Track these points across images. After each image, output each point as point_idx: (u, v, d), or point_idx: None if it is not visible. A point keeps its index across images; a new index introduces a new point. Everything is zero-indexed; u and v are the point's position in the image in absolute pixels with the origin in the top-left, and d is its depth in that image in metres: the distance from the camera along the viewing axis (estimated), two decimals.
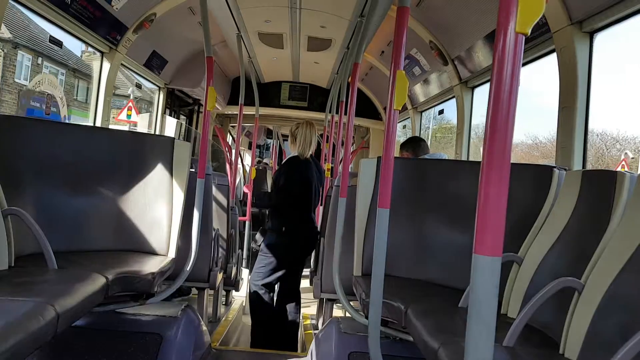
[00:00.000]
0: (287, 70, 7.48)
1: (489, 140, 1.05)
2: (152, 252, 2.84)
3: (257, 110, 6.90)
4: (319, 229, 4.39)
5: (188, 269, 2.85)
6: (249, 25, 5.34)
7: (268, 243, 4.13)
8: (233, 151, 6.54)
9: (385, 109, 7.55)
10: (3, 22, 2.96)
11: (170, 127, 6.79)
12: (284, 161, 4.34)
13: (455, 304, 2.29)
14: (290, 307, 4.22)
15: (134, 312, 2.69)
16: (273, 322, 4.13)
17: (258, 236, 4.32)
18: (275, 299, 4.24)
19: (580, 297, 1.71)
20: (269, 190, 4.43)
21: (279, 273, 4.09)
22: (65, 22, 3.82)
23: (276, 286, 4.23)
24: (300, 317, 4.50)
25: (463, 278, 2.65)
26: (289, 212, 4.09)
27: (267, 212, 4.54)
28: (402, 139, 7.72)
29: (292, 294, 4.26)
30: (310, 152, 4.17)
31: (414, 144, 4.22)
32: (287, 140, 4.47)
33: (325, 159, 6.90)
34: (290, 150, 4.25)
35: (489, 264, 1.05)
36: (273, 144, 14.24)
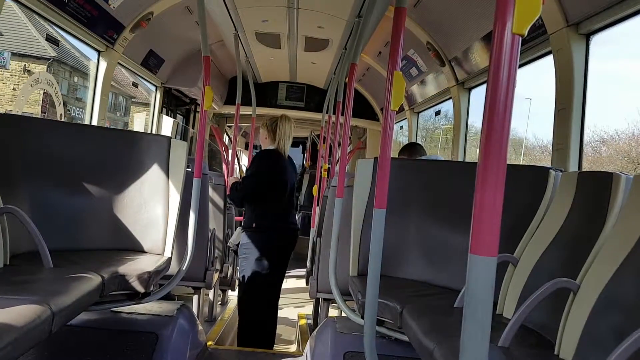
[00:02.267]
0: (284, 70, 7.47)
1: (485, 141, 1.05)
2: (148, 252, 2.84)
3: (254, 110, 6.90)
4: (315, 229, 4.35)
5: (184, 268, 2.85)
6: (246, 25, 5.33)
7: (242, 243, 3.84)
8: (230, 151, 6.54)
9: (382, 109, 7.56)
10: None
11: (167, 126, 6.78)
12: (257, 152, 3.99)
13: (451, 304, 2.30)
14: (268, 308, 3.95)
15: (129, 311, 2.68)
16: (258, 324, 3.88)
17: (235, 236, 4.02)
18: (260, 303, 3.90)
19: (575, 297, 1.71)
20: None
21: (257, 278, 3.74)
22: (62, 21, 3.81)
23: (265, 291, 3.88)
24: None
25: (458, 278, 2.67)
26: (261, 206, 3.79)
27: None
28: (400, 140, 7.73)
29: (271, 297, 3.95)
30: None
31: (410, 148, 4.36)
32: None
33: (322, 159, 6.92)
34: (263, 145, 3.98)
35: (484, 264, 1.05)
36: None
